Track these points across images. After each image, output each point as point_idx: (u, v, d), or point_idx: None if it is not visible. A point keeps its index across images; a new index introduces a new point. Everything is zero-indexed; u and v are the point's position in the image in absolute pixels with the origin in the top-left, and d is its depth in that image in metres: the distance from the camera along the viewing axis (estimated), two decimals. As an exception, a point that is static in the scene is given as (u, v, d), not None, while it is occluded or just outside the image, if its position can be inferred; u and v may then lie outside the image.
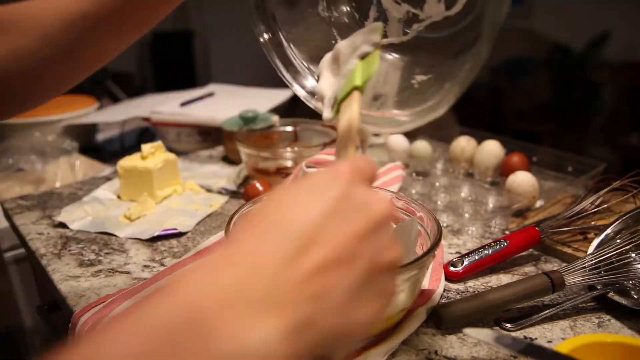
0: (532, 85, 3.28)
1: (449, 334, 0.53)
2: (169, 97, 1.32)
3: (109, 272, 0.65)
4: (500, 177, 0.88)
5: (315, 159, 0.76)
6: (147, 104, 1.28)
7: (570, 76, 3.22)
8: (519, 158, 0.89)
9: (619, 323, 0.55)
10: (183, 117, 1.10)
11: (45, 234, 0.75)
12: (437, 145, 1.07)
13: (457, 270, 0.63)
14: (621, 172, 0.77)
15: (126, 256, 0.69)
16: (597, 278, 0.57)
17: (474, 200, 0.84)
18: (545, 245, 0.69)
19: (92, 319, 0.53)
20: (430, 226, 0.55)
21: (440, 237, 0.52)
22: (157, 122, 1.11)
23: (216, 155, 1.09)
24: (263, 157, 0.86)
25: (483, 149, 0.92)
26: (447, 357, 0.50)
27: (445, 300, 0.59)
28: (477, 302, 0.54)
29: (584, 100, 3.22)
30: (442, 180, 0.92)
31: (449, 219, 0.78)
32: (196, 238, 0.74)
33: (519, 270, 0.66)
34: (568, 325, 0.55)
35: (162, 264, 0.67)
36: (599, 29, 3.07)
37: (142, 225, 0.76)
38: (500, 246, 0.64)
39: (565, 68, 3.25)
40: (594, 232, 0.69)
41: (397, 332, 0.52)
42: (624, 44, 3.08)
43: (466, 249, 0.71)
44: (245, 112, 1.01)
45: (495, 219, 0.77)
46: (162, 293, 0.25)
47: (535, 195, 0.80)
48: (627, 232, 0.62)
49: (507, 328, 0.54)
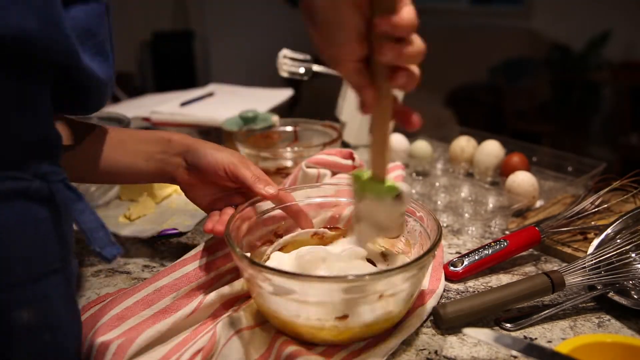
0: (532, 85, 3.28)
1: (449, 334, 0.53)
2: (169, 97, 1.31)
3: (109, 272, 0.65)
4: (500, 177, 0.88)
5: (315, 159, 0.76)
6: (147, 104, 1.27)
7: (570, 76, 3.22)
8: (519, 158, 0.89)
9: (619, 323, 0.55)
10: (183, 117, 1.10)
11: (45, 234, 0.75)
12: (437, 145, 1.07)
13: (457, 270, 0.63)
14: (621, 172, 0.77)
15: (126, 256, 0.69)
16: (597, 278, 0.57)
17: (474, 200, 0.84)
18: (545, 245, 0.69)
19: (92, 319, 0.53)
20: (430, 226, 0.55)
21: (440, 237, 0.52)
22: (157, 122, 1.11)
23: (216, 155, 1.09)
24: (263, 157, 0.86)
25: (483, 149, 0.92)
26: (447, 357, 0.50)
27: (445, 300, 0.59)
28: (477, 302, 0.54)
29: (584, 100, 3.22)
30: (442, 180, 0.92)
31: (449, 219, 0.78)
32: (196, 238, 0.74)
33: (519, 270, 0.66)
34: (568, 325, 0.55)
35: (162, 264, 0.67)
36: (599, 29, 3.07)
37: (142, 225, 0.76)
38: (500, 246, 0.64)
39: (565, 68, 3.25)
40: (594, 232, 0.69)
41: (397, 332, 0.52)
42: (624, 44, 3.08)
43: (466, 249, 0.71)
44: (245, 112, 1.01)
45: (495, 219, 0.77)
46: None
47: (535, 195, 0.80)
48: (627, 232, 0.62)
49: (507, 328, 0.54)
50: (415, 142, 0.98)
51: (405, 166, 0.94)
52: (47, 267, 0.39)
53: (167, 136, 0.61)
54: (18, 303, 0.37)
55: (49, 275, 0.39)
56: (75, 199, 0.39)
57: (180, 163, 0.60)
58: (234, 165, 0.58)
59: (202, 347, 0.48)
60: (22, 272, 0.37)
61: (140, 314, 0.53)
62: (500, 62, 3.33)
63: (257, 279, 0.48)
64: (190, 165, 0.60)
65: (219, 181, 0.60)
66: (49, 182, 0.38)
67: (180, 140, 0.61)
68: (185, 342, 0.51)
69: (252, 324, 0.52)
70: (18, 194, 0.36)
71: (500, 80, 3.32)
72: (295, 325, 0.49)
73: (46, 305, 0.39)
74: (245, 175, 0.58)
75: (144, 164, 0.60)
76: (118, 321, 0.52)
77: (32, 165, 0.37)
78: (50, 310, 0.39)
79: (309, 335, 0.49)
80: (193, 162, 0.59)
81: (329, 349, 0.50)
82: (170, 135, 0.61)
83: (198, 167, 0.59)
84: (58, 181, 0.38)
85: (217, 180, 0.60)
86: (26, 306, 0.37)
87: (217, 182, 0.60)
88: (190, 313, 0.53)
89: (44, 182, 0.37)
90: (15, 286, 0.36)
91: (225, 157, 0.59)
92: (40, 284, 0.38)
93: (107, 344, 0.48)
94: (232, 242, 0.51)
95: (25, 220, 0.37)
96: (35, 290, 0.38)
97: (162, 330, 0.51)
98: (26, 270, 0.37)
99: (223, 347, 0.49)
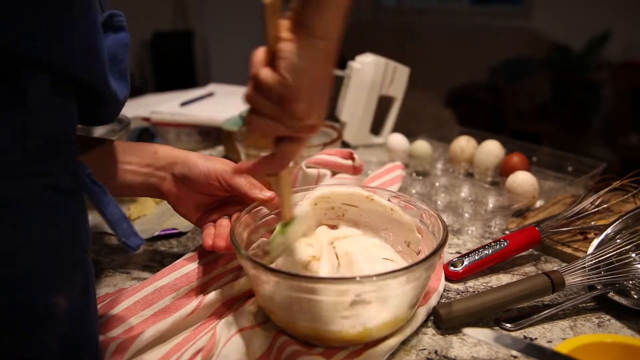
0: (532, 85, 3.28)
1: (449, 334, 0.53)
2: (169, 97, 1.31)
3: (109, 272, 0.65)
4: (500, 177, 0.88)
5: (315, 159, 0.76)
6: (147, 104, 1.27)
7: (570, 76, 3.22)
8: (519, 158, 0.89)
9: (619, 323, 0.55)
10: (183, 117, 1.10)
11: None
12: (437, 145, 1.07)
13: (457, 270, 0.63)
14: (621, 172, 0.77)
15: (126, 256, 0.69)
16: (597, 278, 0.57)
17: (474, 200, 0.84)
18: (545, 245, 0.69)
19: (92, 319, 0.53)
20: (436, 225, 0.55)
21: (447, 238, 0.52)
22: (157, 122, 1.11)
23: (216, 155, 1.09)
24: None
25: (483, 149, 0.92)
26: (447, 357, 0.50)
27: (445, 300, 0.59)
28: (477, 302, 0.54)
29: (584, 100, 3.22)
30: (442, 180, 0.92)
31: (449, 219, 0.78)
32: (196, 238, 0.74)
33: (519, 270, 0.66)
34: (568, 325, 0.55)
35: (162, 264, 0.67)
36: (599, 29, 3.07)
37: (142, 225, 0.76)
38: (500, 246, 0.64)
39: (565, 68, 3.25)
40: (594, 232, 0.69)
41: (397, 332, 0.52)
42: (624, 44, 3.08)
43: (466, 249, 0.71)
44: (245, 112, 1.01)
45: (495, 219, 0.77)
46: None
47: (535, 195, 0.80)
48: (627, 232, 0.62)
49: (507, 328, 0.54)
50: (415, 142, 0.98)
51: (405, 166, 0.94)
52: (73, 257, 0.40)
53: (153, 148, 0.60)
54: (47, 290, 0.38)
55: (76, 265, 0.41)
56: (101, 193, 0.41)
57: (167, 177, 0.59)
58: (227, 174, 0.58)
59: (202, 347, 0.48)
60: (53, 260, 0.38)
61: (140, 314, 0.53)
62: (500, 62, 3.33)
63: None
64: (178, 178, 0.59)
65: (211, 191, 0.60)
66: (77, 177, 0.40)
67: (167, 152, 0.60)
68: (185, 342, 0.51)
69: (252, 324, 0.52)
70: (50, 187, 0.38)
71: (500, 80, 3.32)
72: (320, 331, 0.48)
73: (72, 294, 0.40)
74: (239, 183, 0.58)
75: (130, 178, 0.59)
76: (118, 321, 0.52)
77: (62, 160, 0.39)
78: (74, 300, 0.41)
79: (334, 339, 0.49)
80: (183, 174, 0.59)
81: (329, 349, 0.50)
82: (157, 147, 0.60)
83: (189, 178, 0.59)
84: (85, 175, 0.41)
85: (209, 190, 0.59)
86: (54, 293, 0.39)
87: (209, 192, 0.60)
88: (190, 313, 0.53)
89: (72, 176, 0.40)
90: (45, 272, 0.38)
91: (218, 166, 0.59)
92: (68, 272, 0.40)
93: (107, 343, 0.48)
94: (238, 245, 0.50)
95: (56, 212, 0.39)
96: (62, 279, 0.39)
97: (162, 329, 0.51)
98: (57, 258, 0.39)
99: (223, 347, 0.49)
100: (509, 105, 3.17)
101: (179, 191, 0.60)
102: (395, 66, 1.12)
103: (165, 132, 1.12)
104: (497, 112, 3.24)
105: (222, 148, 1.11)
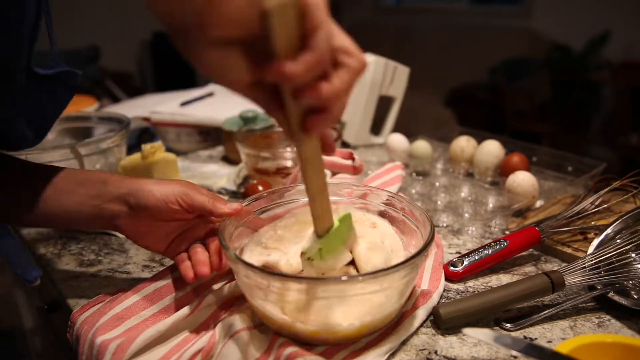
0: (532, 85, 3.28)
1: (449, 334, 0.53)
2: (169, 97, 1.31)
3: (109, 272, 0.65)
4: (500, 177, 0.88)
5: (315, 159, 0.76)
6: (147, 104, 1.27)
7: (570, 76, 3.22)
8: (519, 158, 0.89)
9: (619, 323, 0.55)
10: (183, 117, 1.10)
11: (45, 234, 0.75)
12: (437, 145, 1.07)
13: (457, 270, 0.63)
14: (621, 172, 0.77)
15: (126, 256, 0.69)
16: (597, 278, 0.57)
17: (474, 200, 0.84)
18: (545, 245, 0.69)
19: (92, 318, 0.53)
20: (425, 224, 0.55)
21: (432, 237, 0.51)
22: (157, 122, 1.11)
23: (216, 155, 1.09)
24: (263, 157, 0.85)
25: (483, 149, 0.92)
26: (447, 357, 0.50)
27: (445, 300, 0.59)
28: (477, 302, 0.54)
29: (584, 100, 3.21)
30: (442, 180, 0.92)
31: (449, 219, 0.78)
32: (196, 238, 0.74)
33: (519, 270, 0.66)
34: (568, 325, 0.55)
35: (162, 264, 0.67)
36: (599, 29, 3.07)
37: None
38: (500, 246, 0.64)
39: (565, 68, 3.25)
40: (594, 232, 0.69)
41: (397, 332, 0.52)
42: (624, 44, 3.08)
43: (466, 249, 0.71)
44: (245, 112, 1.01)
45: (495, 219, 0.77)
46: None
47: (535, 195, 0.80)
48: (627, 232, 0.62)
49: (507, 328, 0.54)
50: (415, 142, 0.98)
51: (405, 166, 0.94)
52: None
53: (103, 178, 0.56)
54: None
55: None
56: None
57: (121, 209, 0.54)
58: (186, 195, 0.54)
59: (201, 348, 0.48)
60: None
61: (140, 314, 0.53)
62: (500, 62, 3.33)
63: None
64: (135, 208, 0.54)
65: (174, 216, 0.55)
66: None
67: (118, 182, 0.55)
68: (185, 342, 0.51)
69: (251, 324, 0.52)
70: None
71: (500, 80, 3.32)
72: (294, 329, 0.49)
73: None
74: (202, 201, 0.54)
75: (76, 209, 0.54)
76: (118, 321, 0.52)
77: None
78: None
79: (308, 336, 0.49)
80: (138, 204, 0.54)
81: (329, 349, 0.50)
82: (107, 177, 0.56)
83: (146, 207, 0.54)
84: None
85: (171, 215, 0.55)
86: None
87: (172, 218, 0.55)
88: (189, 313, 0.53)
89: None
90: None
91: (174, 189, 0.54)
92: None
93: (106, 343, 0.48)
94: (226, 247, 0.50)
95: None
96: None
97: (162, 330, 0.51)
98: None
99: (222, 348, 0.49)
100: (508, 105, 3.17)
101: (138, 223, 0.55)
102: (395, 66, 1.12)
103: (165, 132, 1.12)
104: (497, 112, 3.24)
105: (222, 148, 1.11)
